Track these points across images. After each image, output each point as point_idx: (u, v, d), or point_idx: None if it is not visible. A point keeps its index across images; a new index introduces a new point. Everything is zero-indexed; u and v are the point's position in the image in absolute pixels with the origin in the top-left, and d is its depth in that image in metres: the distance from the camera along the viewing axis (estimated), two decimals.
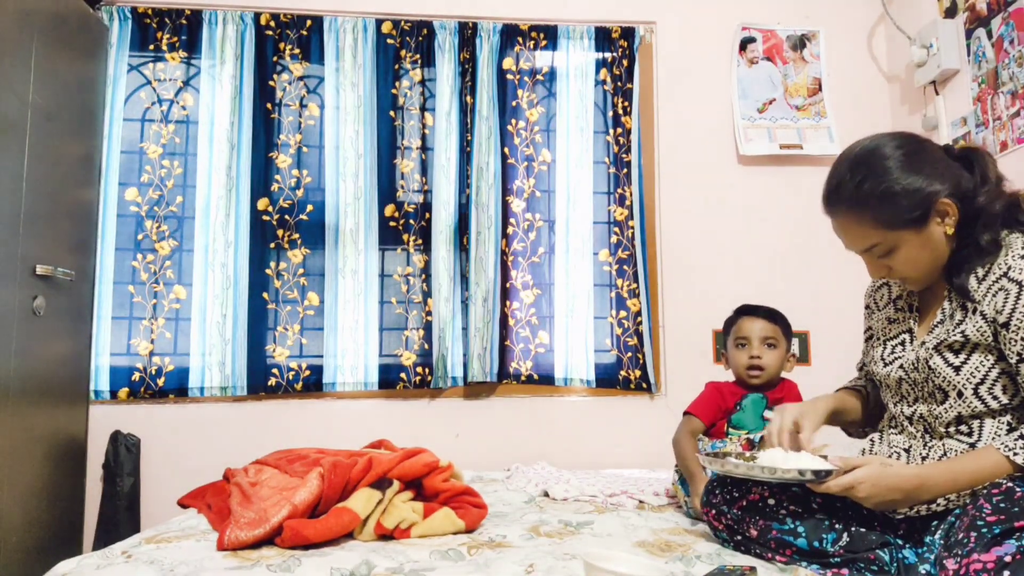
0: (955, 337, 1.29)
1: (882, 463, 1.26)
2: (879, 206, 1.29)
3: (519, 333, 2.78)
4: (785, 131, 2.93)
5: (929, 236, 1.30)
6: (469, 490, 1.71)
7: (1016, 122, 2.31)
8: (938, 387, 1.31)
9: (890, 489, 1.23)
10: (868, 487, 1.23)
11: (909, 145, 1.32)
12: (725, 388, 1.97)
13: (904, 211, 1.28)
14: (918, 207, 1.28)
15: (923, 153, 1.32)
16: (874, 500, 1.25)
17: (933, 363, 1.31)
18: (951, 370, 1.29)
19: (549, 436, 2.75)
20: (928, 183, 1.28)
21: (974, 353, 1.27)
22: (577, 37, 2.89)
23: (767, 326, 1.95)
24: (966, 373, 1.27)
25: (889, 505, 1.26)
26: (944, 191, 1.28)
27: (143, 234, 2.68)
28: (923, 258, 1.32)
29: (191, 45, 2.75)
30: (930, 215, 1.29)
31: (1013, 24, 2.32)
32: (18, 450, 2.08)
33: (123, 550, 1.42)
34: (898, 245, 1.31)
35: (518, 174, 2.84)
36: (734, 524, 1.44)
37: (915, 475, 1.24)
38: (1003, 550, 1.03)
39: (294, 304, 2.72)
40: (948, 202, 1.28)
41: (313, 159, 2.80)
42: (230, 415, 2.64)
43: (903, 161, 1.30)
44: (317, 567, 1.31)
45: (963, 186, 1.30)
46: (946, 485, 1.23)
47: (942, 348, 1.31)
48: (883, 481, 1.23)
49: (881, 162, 1.31)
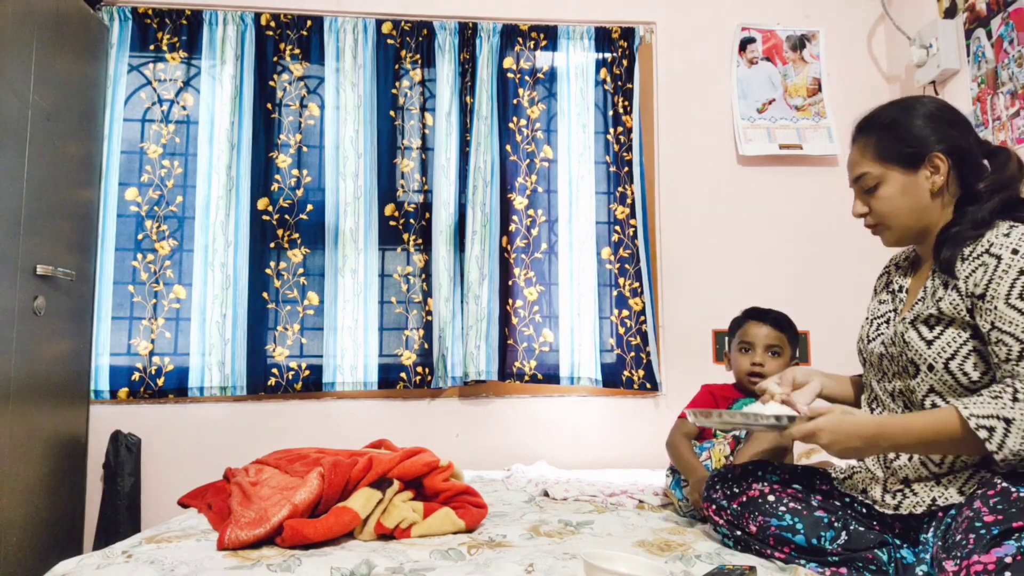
0: (930, 311, 1.31)
1: (843, 411, 1.29)
2: (882, 132, 1.38)
3: (522, 332, 2.78)
4: (785, 131, 2.93)
5: (914, 183, 1.36)
6: (469, 490, 1.71)
7: (1016, 122, 2.31)
8: (911, 360, 1.33)
9: (849, 436, 1.26)
10: (828, 434, 1.26)
11: (946, 110, 1.39)
12: (719, 392, 1.96)
13: (901, 145, 1.36)
14: (914, 146, 1.35)
15: (951, 119, 1.38)
16: (836, 447, 1.27)
17: (908, 336, 1.33)
18: (923, 344, 1.30)
19: (549, 436, 2.75)
20: (935, 136, 1.35)
21: (948, 328, 1.29)
22: (577, 37, 2.89)
23: (772, 333, 1.93)
24: (938, 347, 1.29)
25: (851, 453, 1.28)
26: (946, 150, 1.33)
27: (143, 234, 2.68)
28: (902, 205, 1.37)
29: (191, 45, 2.75)
30: (922, 161, 1.34)
31: (1013, 24, 2.32)
32: (18, 450, 2.08)
33: (123, 550, 1.42)
34: (883, 181, 1.38)
35: (520, 171, 2.84)
36: (734, 519, 1.45)
37: (874, 423, 1.28)
38: (1003, 551, 1.03)
39: (294, 304, 2.72)
40: (943, 157, 1.33)
41: (313, 159, 2.81)
42: (230, 415, 2.64)
43: (928, 113, 1.37)
44: (317, 567, 1.31)
45: (970, 160, 1.35)
46: (902, 435, 1.24)
47: (917, 322, 1.33)
48: (843, 428, 1.26)
49: (911, 105, 1.40)
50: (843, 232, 2.67)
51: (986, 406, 1.17)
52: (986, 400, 1.18)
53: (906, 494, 1.31)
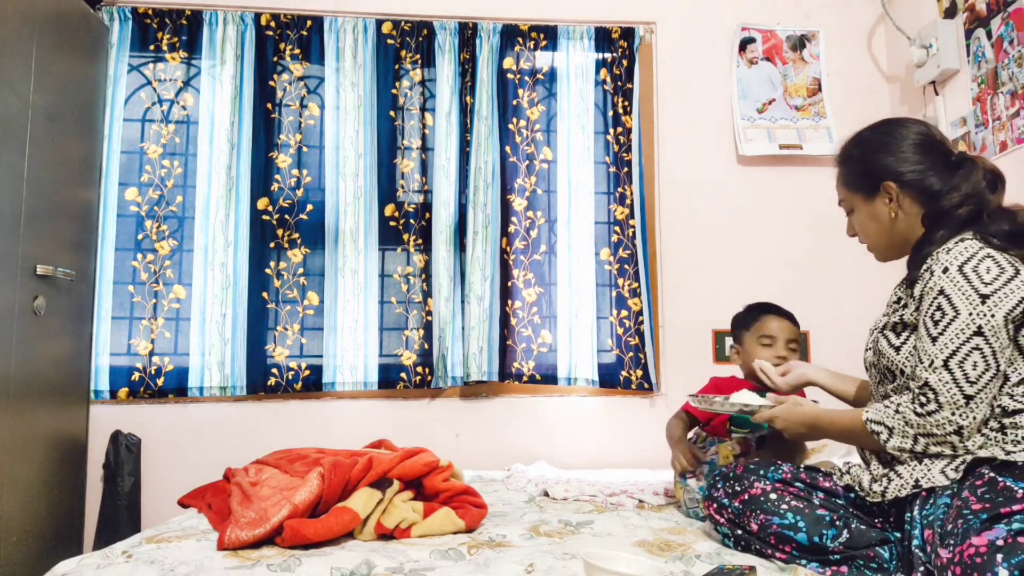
0: (895, 319, 1.40)
1: (795, 402, 1.54)
2: (846, 164, 1.52)
3: (521, 332, 2.78)
4: (785, 131, 2.93)
5: (875, 210, 1.46)
6: (469, 490, 1.71)
7: (1016, 122, 2.31)
8: (886, 367, 1.41)
9: (796, 423, 1.51)
10: (782, 420, 1.52)
11: (917, 135, 1.45)
12: (724, 385, 1.96)
13: (858, 177, 1.48)
14: (868, 178, 1.46)
15: (921, 145, 1.43)
16: (789, 431, 1.53)
17: (880, 345, 1.42)
18: (892, 350, 1.39)
19: (549, 436, 2.75)
20: (893, 164, 1.43)
21: (913, 334, 1.36)
22: (577, 37, 2.89)
23: (793, 329, 1.97)
24: (904, 353, 1.37)
25: (800, 436, 1.57)
26: (900, 177, 1.42)
27: (143, 234, 2.68)
28: (871, 229, 1.50)
29: (191, 45, 2.75)
30: (878, 190, 1.45)
31: (1013, 24, 2.32)
32: (19, 450, 2.08)
33: (123, 550, 1.42)
34: (854, 208, 1.52)
35: (519, 172, 2.84)
36: (735, 518, 1.45)
37: (811, 414, 1.49)
38: (994, 534, 1.07)
39: (294, 304, 2.72)
40: (893, 186, 1.42)
41: (313, 159, 2.81)
42: (230, 415, 2.64)
43: (877, 144, 1.46)
44: (317, 567, 1.31)
45: (922, 183, 1.41)
46: (828, 427, 1.46)
47: (886, 329, 1.42)
48: (792, 415, 1.52)
49: (880, 134, 1.48)
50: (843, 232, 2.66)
51: (879, 413, 1.34)
52: (881, 408, 1.34)
53: (891, 478, 1.33)
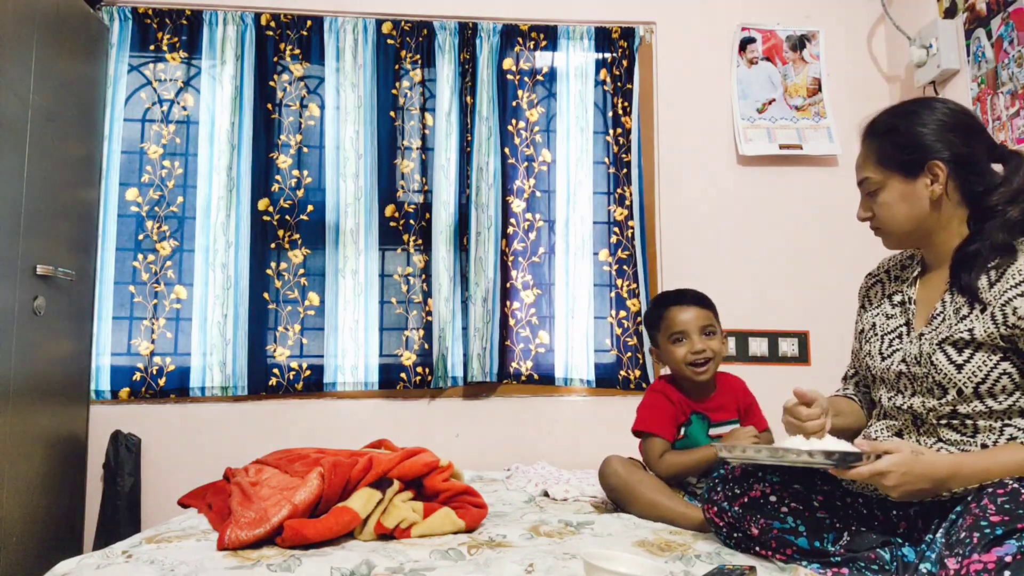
0: (961, 335, 1.27)
1: (913, 450, 1.19)
2: (884, 138, 1.38)
3: (519, 333, 2.78)
4: (785, 131, 2.93)
5: (913, 191, 1.35)
6: (469, 490, 1.71)
7: (1016, 122, 2.31)
8: (938, 383, 1.30)
9: (920, 477, 1.17)
10: (898, 476, 1.17)
11: (953, 115, 1.36)
12: (673, 396, 1.87)
13: (900, 152, 1.35)
14: (913, 154, 1.34)
15: (955, 125, 1.35)
16: (901, 489, 1.18)
17: (936, 359, 1.30)
18: (953, 367, 1.28)
19: (549, 436, 2.75)
20: (936, 142, 1.33)
21: (978, 352, 1.26)
22: (577, 37, 2.89)
23: (701, 313, 1.83)
24: (968, 371, 1.26)
25: (915, 495, 1.20)
26: (946, 158, 1.32)
27: (144, 234, 2.68)
28: (900, 211, 1.37)
29: (191, 45, 2.75)
30: (921, 169, 1.33)
31: (1013, 24, 2.32)
32: (19, 450, 2.08)
33: (123, 550, 1.42)
34: (884, 187, 1.38)
35: (518, 174, 2.84)
36: (735, 522, 1.43)
37: (947, 465, 1.19)
38: (1003, 550, 1.03)
39: (294, 304, 2.72)
40: (941, 165, 1.32)
41: (313, 159, 2.81)
42: (230, 415, 2.64)
43: (931, 120, 1.35)
44: (317, 567, 1.31)
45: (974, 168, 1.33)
46: (978, 475, 1.18)
47: (946, 344, 1.29)
48: (915, 469, 1.17)
49: (915, 110, 1.38)
50: (843, 232, 2.67)
51: None
52: None
53: None
